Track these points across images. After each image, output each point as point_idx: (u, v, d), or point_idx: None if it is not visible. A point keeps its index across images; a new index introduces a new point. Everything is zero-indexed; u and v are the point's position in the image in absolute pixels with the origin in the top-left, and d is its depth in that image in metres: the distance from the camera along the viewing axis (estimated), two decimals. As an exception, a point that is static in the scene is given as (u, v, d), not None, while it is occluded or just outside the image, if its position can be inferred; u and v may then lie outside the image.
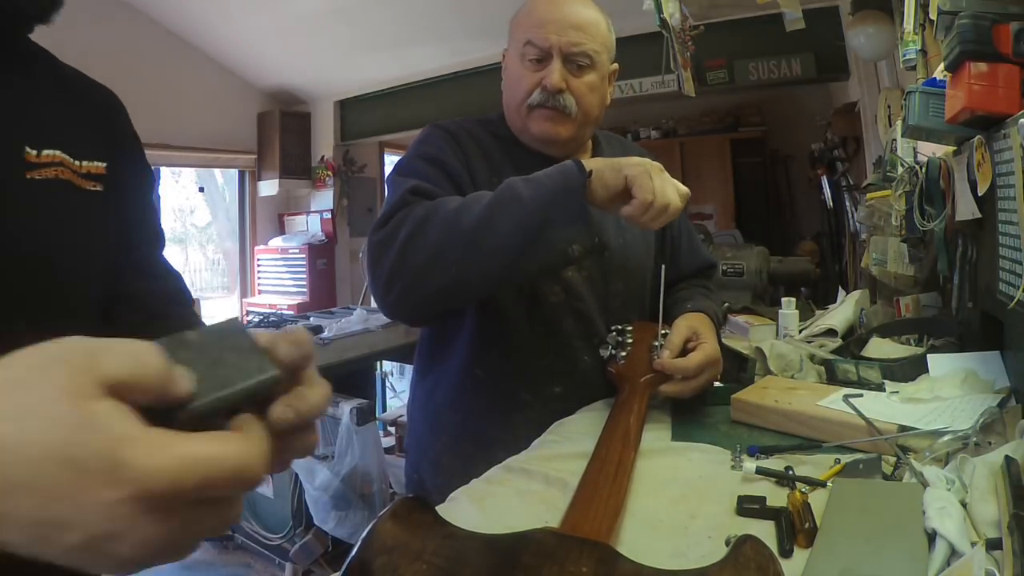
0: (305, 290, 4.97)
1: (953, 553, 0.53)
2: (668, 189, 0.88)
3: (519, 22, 1.10)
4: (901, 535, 0.57)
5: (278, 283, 5.13)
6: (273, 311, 4.32)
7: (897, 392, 0.95)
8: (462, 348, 1.09)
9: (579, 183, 0.86)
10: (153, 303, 0.72)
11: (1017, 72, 0.83)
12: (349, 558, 0.51)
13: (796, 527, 0.61)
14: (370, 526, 0.53)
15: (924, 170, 1.25)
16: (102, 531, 0.28)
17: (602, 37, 1.08)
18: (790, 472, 0.72)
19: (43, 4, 0.61)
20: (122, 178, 0.69)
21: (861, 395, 0.94)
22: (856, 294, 1.65)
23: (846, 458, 0.75)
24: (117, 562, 0.29)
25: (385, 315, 1.18)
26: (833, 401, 0.91)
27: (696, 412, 0.98)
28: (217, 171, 5.35)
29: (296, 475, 2.42)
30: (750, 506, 0.66)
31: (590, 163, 0.89)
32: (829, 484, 0.70)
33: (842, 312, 1.52)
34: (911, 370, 1.04)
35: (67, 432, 0.27)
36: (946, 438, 0.75)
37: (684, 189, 0.91)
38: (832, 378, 1.09)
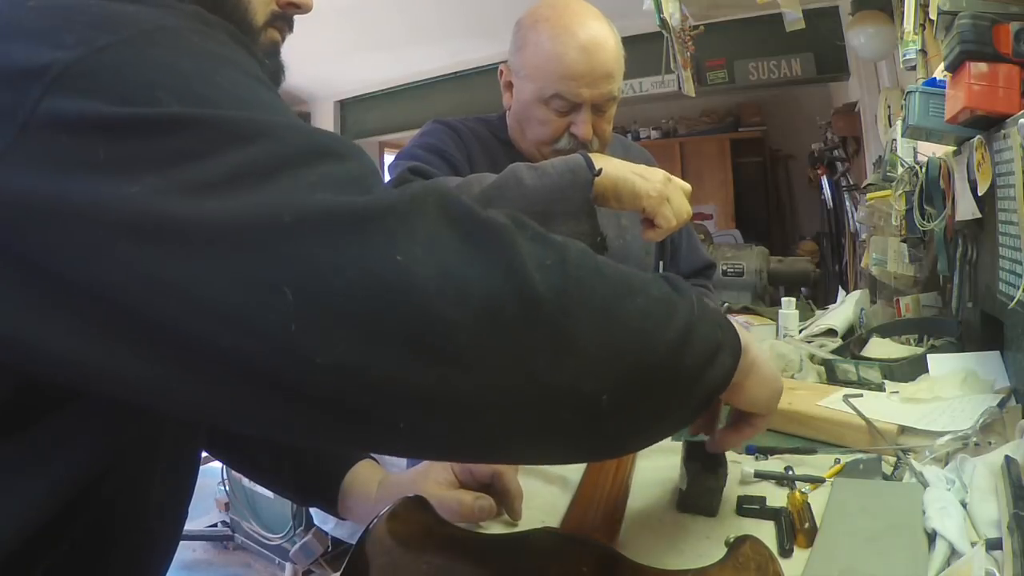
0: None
1: (953, 553, 0.53)
2: (681, 205, 0.88)
3: (542, 68, 1.01)
4: (901, 535, 0.57)
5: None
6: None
7: (897, 392, 0.95)
8: None
9: (586, 180, 0.84)
10: None
11: (1017, 72, 0.83)
12: (348, 558, 0.51)
13: (796, 527, 0.61)
14: (370, 526, 0.53)
15: (924, 170, 1.25)
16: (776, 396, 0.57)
17: (622, 67, 1.05)
18: (790, 472, 0.72)
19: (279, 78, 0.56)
20: None
21: (861, 395, 0.94)
22: (856, 294, 1.65)
23: (846, 458, 0.75)
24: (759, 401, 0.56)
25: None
26: (833, 401, 0.91)
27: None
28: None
29: (296, 475, 2.42)
30: (750, 506, 0.66)
31: (601, 161, 0.86)
32: (829, 481, 0.70)
33: (842, 312, 1.52)
34: (911, 370, 1.04)
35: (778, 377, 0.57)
36: (946, 438, 0.75)
37: (687, 187, 0.91)
38: (832, 378, 1.09)
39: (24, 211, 0.32)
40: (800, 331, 1.45)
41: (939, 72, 1.12)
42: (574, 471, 0.73)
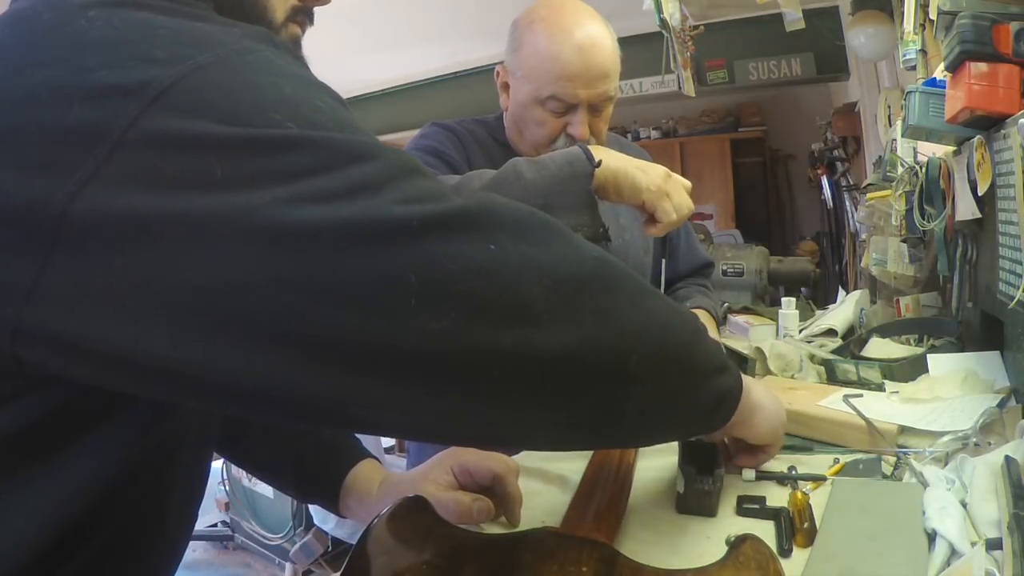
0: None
1: (953, 553, 0.53)
2: (682, 200, 0.87)
3: (538, 69, 1.01)
4: (901, 535, 0.57)
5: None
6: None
7: (897, 392, 0.95)
8: None
9: (585, 172, 0.83)
10: None
11: (1017, 72, 0.83)
12: (349, 558, 0.51)
13: (796, 527, 0.61)
14: (370, 526, 0.53)
15: (924, 170, 1.25)
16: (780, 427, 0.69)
17: (618, 67, 1.04)
18: (793, 472, 0.72)
19: None
20: None
21: (861, 395, 0.94)
22: (856, 294, 1.64)
23: (846, 458, 0.75)
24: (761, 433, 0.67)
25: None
26: (833, 401, 0.91)
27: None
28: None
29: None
30: (750, 506, 0.66)
31: (600, 153, 0.86)
32: (830, 480, 0.70)
33: (842, 312, 1.52)
34: (911, 370, 1.04)
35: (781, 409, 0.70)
36: (946, 438, 0.75)
37: (687, 184, 0.90)
38: (832, 378, 1.09)
39: (130, 228, 0.33)
40: (800, 331, 1.45)
41: (939, 72, 1.12)
42: (574, 471, 0.73)
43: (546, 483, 0.74)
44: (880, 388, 1.00)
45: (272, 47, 0.40)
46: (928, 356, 1.04)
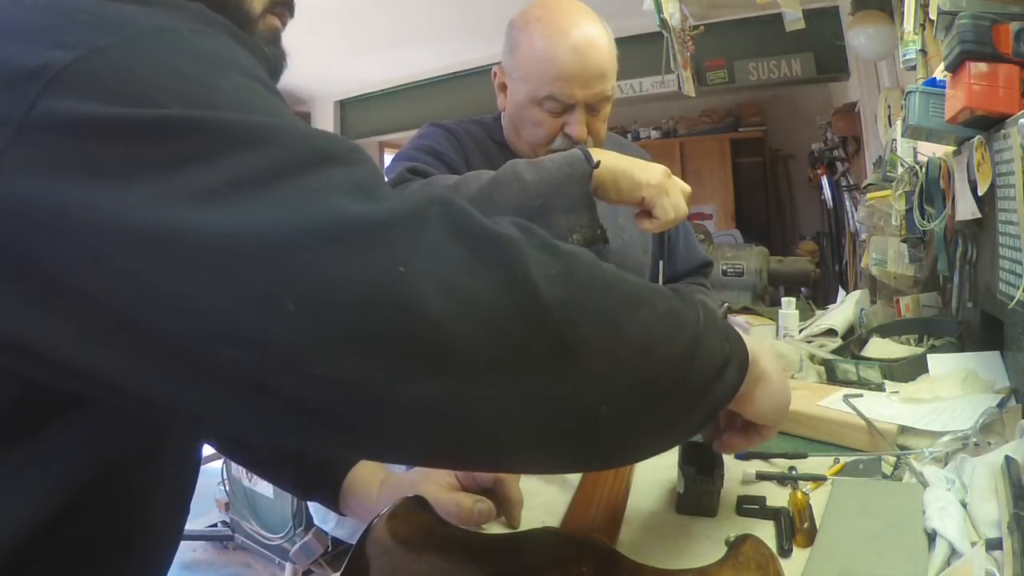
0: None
1: (953, 553, 0.53)
2: (679, 200, 0.88)
3: (534, 69, 1.01)
4: (901, 535, 0.57)
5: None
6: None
7: (897, 392, 0.95)
8: None
9: (584, 173, 0.84)
10: None
11: (1017, 72, 0.83)
12: (349, 558, 0.51)
13: (796, 527, 0.61)
14: (370, 525, 0.53)
15: (924, 170, 1.25)
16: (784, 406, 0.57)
17: (615, 67, 1.04)
18: (793, 472, 0.72)
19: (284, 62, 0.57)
20: None
21: (861, 395, 0.94)
22: (856, 294, 1.65)
23: (846, 458, 0.75)
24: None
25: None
26: (833, 401, 0.91)
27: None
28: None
29: (296, 475, 2.42)
30: (750, 506, 0.66)
31: (600, 155, 0.86)
32: (830, 480, 0.70)
33: (842, 312, 1.52)
34: (911, 370, 1.04)
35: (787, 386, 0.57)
36: (946, 438, 0.75)
37: (687, 188, 0.91)
38: (832, 378, 1.09)
39: (24, 216, 0.31)
40: (800, 331, 1.45)
41: (939, 72, 1.12)
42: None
43: (546, 483, 0.74)
44: (880, 388, 1.00)
45: (204, 25, 0.38)
46: (928, 356, 1.04)
